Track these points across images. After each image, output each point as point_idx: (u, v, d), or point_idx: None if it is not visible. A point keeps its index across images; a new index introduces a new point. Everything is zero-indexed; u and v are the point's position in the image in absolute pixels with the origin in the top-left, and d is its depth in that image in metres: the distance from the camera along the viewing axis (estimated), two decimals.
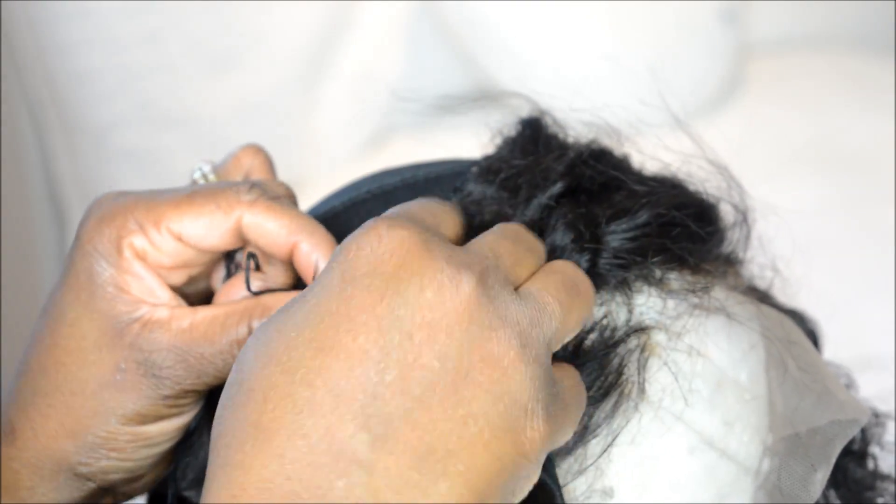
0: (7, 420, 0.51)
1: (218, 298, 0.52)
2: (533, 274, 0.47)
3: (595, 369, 0.49)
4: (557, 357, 0.48)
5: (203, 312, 0.50)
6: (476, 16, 1.60)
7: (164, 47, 1.49)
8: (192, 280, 0.53)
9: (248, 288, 0.51)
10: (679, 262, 0.52)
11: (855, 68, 1.77)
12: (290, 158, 1.52)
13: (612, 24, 1.61)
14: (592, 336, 0.50)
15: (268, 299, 0.50)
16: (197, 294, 0.54)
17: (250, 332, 0.49)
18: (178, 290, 0.52)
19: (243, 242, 0.52)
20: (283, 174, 0.58)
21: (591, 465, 0.49)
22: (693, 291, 0.52)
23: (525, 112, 0.58)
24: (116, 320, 0.50)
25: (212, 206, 0.50)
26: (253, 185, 0.50)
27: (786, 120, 1.62)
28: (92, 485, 0.51)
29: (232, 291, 0.52)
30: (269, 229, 0.50)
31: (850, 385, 0.62)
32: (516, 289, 0.45)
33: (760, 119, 1.64)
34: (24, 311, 1.60)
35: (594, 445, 0.49)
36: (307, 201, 0.59)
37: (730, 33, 1.69)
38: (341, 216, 0.55)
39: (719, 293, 0.53)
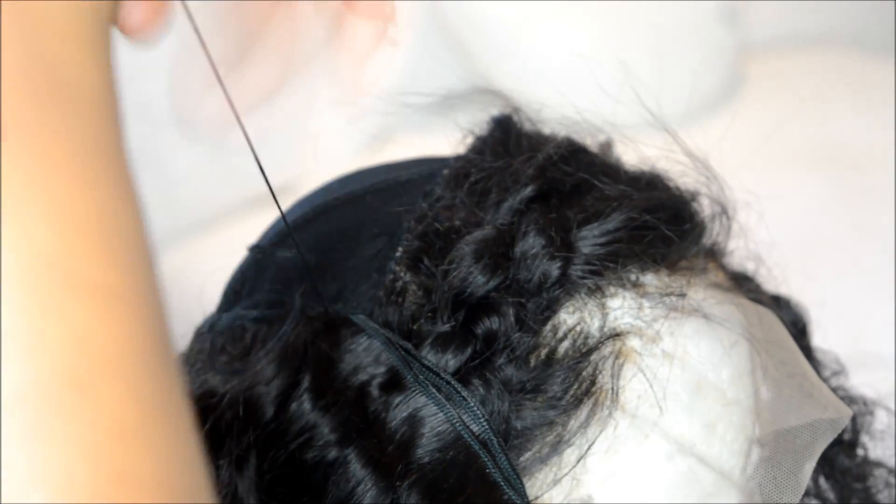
0: None
1: None
2: None
3: (569, 378, 0.49)
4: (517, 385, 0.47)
5: None
6: (479, 17, 1.60)
7: (164, 47, 1.49)
8: None
9: None
10: (654, 263, 0.52)
11: (855, 68, 1.77)
12: (290, 158, 1.52)
13: (613, 23, 1.61)
14: (565, 344, 0.49)
15: None
16: None
17: None
18: None
19: None
20: (283, 173, 0.58)
21: (567, 474, 0.48)
22: (669, 295, 0.51)
23: (497, 110, 0.57)
24: None
25: None
26: None
27: (786, 120, 1.62)
28: None
29: None
30: None
31: (839, 371, 0.62)
32: None
33: (760, 119, 1.64)
34: None
35: (569, 455, 0.49)
36: None
37: (730, 33, 1.69)
38: (312, 223, 0.55)
39: (697, 293, 0.52)
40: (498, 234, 0.50)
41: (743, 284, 0.58)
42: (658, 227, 0.52)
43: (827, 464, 0.59)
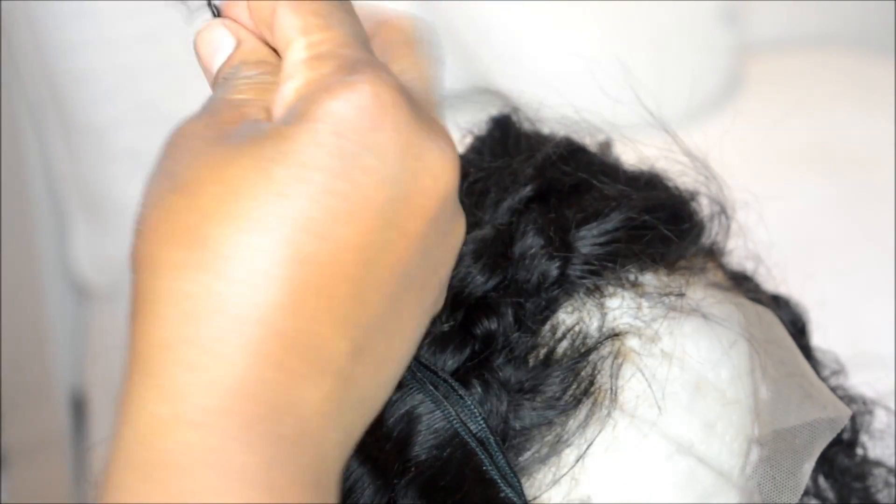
0: None
1: None
2: None
3: (567, 378, 0.49)
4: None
5: None
6: (478, 17, 1.60)
7: (164, 47, 1.49)
8: None
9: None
10: (653, 263, 0.52)
11: (855, 68, 1.77)
12: None
13: (613, 23, 1.61)
14: (564, 344, 0.49)
15: None
16: None
17: None
18: None
19: None
20: None
21: (566, 474, 0.48)
22: (668, 294, 0.51)
23: (496, 110, 0.57)
24: None
25: None
26: None
27: (786, 120, 1.62)
28: None
29: None
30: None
31: (839, 371, 0.62)
32: None
33: (760, 119, 1.64)
34: (24, 310, 1.60)
35: (568, 455, 0.48)
36: None
37: (730, 33, 1.69)
38: None
39: (696, 292, 0.52)
40: (497, 234, 0.50)
41: (742, 284, 0.58)
42: (657, 227, 0.52)
43: (826, 463, 0.59)
